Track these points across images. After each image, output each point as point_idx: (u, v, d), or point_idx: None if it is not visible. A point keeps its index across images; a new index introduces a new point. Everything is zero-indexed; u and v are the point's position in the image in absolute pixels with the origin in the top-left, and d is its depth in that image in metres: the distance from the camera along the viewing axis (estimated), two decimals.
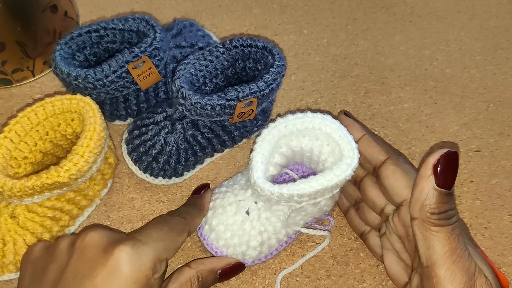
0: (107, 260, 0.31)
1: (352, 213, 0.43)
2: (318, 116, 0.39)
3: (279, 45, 0.59)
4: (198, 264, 0.37)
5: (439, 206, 0.32)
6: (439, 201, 0.32)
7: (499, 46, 0.60)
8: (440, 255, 0.32)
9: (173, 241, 0.36)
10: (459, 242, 0.32)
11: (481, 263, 0.33)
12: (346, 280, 0.42)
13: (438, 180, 0.32)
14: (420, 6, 0.64)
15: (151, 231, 0.35)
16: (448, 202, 0.32)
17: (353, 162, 0.37)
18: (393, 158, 0.37)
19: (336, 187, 0.37)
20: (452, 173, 0.33)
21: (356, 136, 0.39)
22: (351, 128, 0.40)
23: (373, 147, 0.38)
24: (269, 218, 0.39)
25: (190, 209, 0.40)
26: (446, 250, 0.32)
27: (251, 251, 0.40)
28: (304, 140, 0.40)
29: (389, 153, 0.38)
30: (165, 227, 0.36)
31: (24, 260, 0.36)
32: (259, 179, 0.36)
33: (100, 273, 0.30)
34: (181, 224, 0.37)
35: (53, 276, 0.32)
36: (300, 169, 0.44)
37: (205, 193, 0.42)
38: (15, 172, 0.40)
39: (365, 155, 0.38)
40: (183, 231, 0.37)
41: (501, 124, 0.52)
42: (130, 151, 0.46)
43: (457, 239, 0.32)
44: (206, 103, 0.40)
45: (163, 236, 0.35)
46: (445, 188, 0.32)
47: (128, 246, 0.32)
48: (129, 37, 0.48)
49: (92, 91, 0.44)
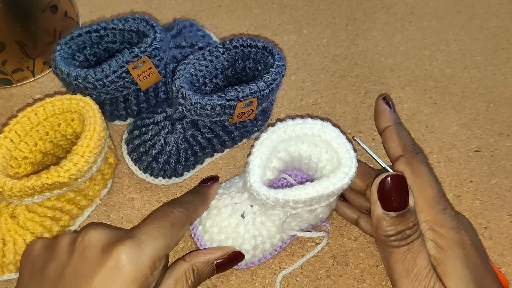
0: (106, 261, 0.31)
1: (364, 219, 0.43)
2: (318, 123, 0.39)
3: (279, 45, 0.59)
4: (192, 256, 0.37)
5: (391, 228, 0.33)
6: (390, 224, 0.33)
7: (499, 46, 0.60)
8: (398, 275, 0.33)
9: (174, 237, 0.35)
10: (415, 261, 0.33)
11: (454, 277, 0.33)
12: (346, 280, 0.42)
13: (384, 204, 0.33)
14: (420, 6, 0.64)
15: (152, 228, 0.34)
16: (402, 222, 0.33)
17: (350, 171, 0.36)
18: (407, 156, 0.37)
19: (333, 195, 0.37)
20: (398, 195, 0.34)
21: (384, 125, 0.39)
22: (381, 116, 0.39)
23: (393, 141, 0.38)
24: (264, 223, 0.39)
25: (194, 198, 0.40)
26: (402, 270, 0.33)
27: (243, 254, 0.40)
28: (302, 146, 0.40)
29: (406, 150, 0.37)
30: (166, 222, 0.35)
31: (24, 258, 0.35)
32: (255, 183, 0.36)
33: (98, 273, 0.30)
34: (184, 217, 0.37)
35: (52, 275, 0.32)
36: (298, 175, 0.44)
37: (213, 184, 0.42)
38: (15, 172, 0.40)
39: (385, 147, 0.38)
40: (184, 225, 0.37)
41: (501, 124, 0.52)
42: (130, 151, 0.46)
43: (412, 259, 0.33)
44: (206, 103, 0.40)
45: (164, 233, 0.34)
46: (394, 211, 0.33)
47: (127, 247, 0.31)
48: (129, 37, 0.48)
49: (92, 91, 0.44)
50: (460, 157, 0.50)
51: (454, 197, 0.47)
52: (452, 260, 0.33)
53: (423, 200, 0.35)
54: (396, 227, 0.33)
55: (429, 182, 0.36)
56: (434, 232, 0.34)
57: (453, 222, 0.34)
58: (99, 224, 0.39)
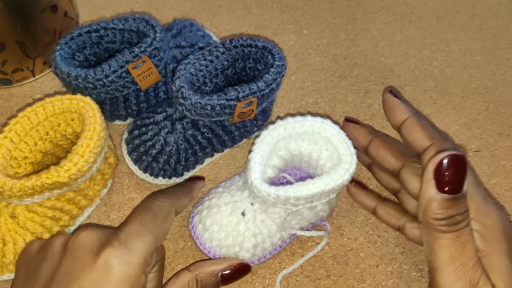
0: (95, 262, 0.31)
1: (387, 205, 0.41)
2: (318, 120, 0.39)
3: (279, 45, 0.59)
4: (197, 267, 0.37)
5: (442, 212, 0.31)
6: (441, 207, 0.31)
7: (499, 46, 0.60)
8: (442, 261, 0.31)
9: (160, 229, 0.34)
10: (463, 250, 0.31)
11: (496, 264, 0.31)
12: (346, 280, 0.42)
13: (439, 185, 0.31)
14: (420, 6, 0.64)
15: (136, 224, 0.33)
16: (454, 207, 0.31)
17: (351, 167, 0.36)
18: (436, 144, 0.34)
19: (333, 192, 0.37)
20: (457, 177, 0.31)
21: (401, 118, 0.37)
22: (395, 110, 0.37)
23: (417, 132, 0.35)
24: (265, 221, 0.39)
25: (177, 189, 0.40)
26: (447, 257, 0.31)
27: (244, 252, 0.40)
28: (303, 144, 0.40)
29: (433, 139, 0.35)
30: (149, 215, 0.34)
31: (20, 258, 0.36)
32: (256, 180, 0.36)
33: (88, 275, 0.30)
34: (166, 206, 0.36)
35: (45, 275, 0.32)
36: (298, 174, 0.44)
37: (198, 180, 0.43)
38: (15, 172, 0.40)
39: (408, 140, 0.36)
40: (169, 214, 0.36)
41: (501, 124, 0.52)
42: (130, 151, 0.46)
43: (461, 247, 0.31)
44: (206, 103, 0.40)
45: (149, 228, 0.33)
46: (448, 193, 0.31)
47: (115, 248, 0.31)
48: (129, 37, 0.48)
49: (92, 91, 0.44)
50: None
51: None
52: (498, 253, 0.31)
53: None
54: (448, 210, 0.31)
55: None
56: (478, 223, 0.33)
57: (497, 212, 0.33)
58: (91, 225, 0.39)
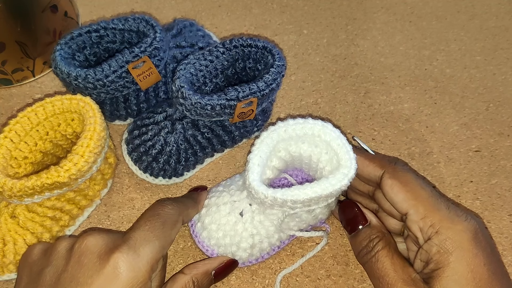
0: (103, 268, 0.31)
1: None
2: (319, 123, 0.38)
3: (279, 45, 0.59)
4: (191, 269, 0.37)
5: (355, 247, 0.38)
6: (353, 243, 0.38)
7: (499, 46, 0.60)
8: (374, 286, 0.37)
9: (167, 236, 0.35)
10: (385, 271, 0.35)
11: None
12: (346, 280, 0.42)
13: (346, 229, 0.39)
14: (420, 6, 0.64)
15: (145, 230, 0.34)
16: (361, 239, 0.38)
17: (350, 172, 0.36)
18: (388, 170, 0.37)
19: (331, 196, 0.37)
20: (345, 219, 0.39)
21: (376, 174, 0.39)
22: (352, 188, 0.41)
23: (367, 166, 0.38)
24: (263, 222, 0.39)
25: (185, 199, 0.40)
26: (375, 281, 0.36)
27: (241, 252, 0.40)
28: (303, 146, 0.39)
29: (384, 166, 0.37)
30: (158, 222, 0.35)
31: (22, 262, 0.35)
32: (254, 181, 0.36)
33: (96, 280, 0.30)
34: (175, 214, 0.37)
35: (49, 280, 0.32)
36: (299, 175, 0.44)
37: (202, 191, 0.43)
38: (15, 172, 0.40)
39: (364, 175, 0.38)
40: (176, 222, 0.36)
41: (501, 124, 0.52)
42: (130, 151, 0.46)
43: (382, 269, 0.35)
44: (206, 103, 0.40)
45: (157, 234, 0.34)
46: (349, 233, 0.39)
47: (123, 253, 0.31)
48: (129, 37, 0.48)
49: (92, 91, 0.44)
50: (460, 157, 0.50)
51: (454, 197, 0.47)
52: (452, 264, 0.32)
53: (421, 205, 0.34)
54: (359, 244, 0.37)
55: (419, 185, 0.35)
56: (439, 235, 0.33)
57: (465, 217, 0.33)
58: (97, 229, 0.39)
